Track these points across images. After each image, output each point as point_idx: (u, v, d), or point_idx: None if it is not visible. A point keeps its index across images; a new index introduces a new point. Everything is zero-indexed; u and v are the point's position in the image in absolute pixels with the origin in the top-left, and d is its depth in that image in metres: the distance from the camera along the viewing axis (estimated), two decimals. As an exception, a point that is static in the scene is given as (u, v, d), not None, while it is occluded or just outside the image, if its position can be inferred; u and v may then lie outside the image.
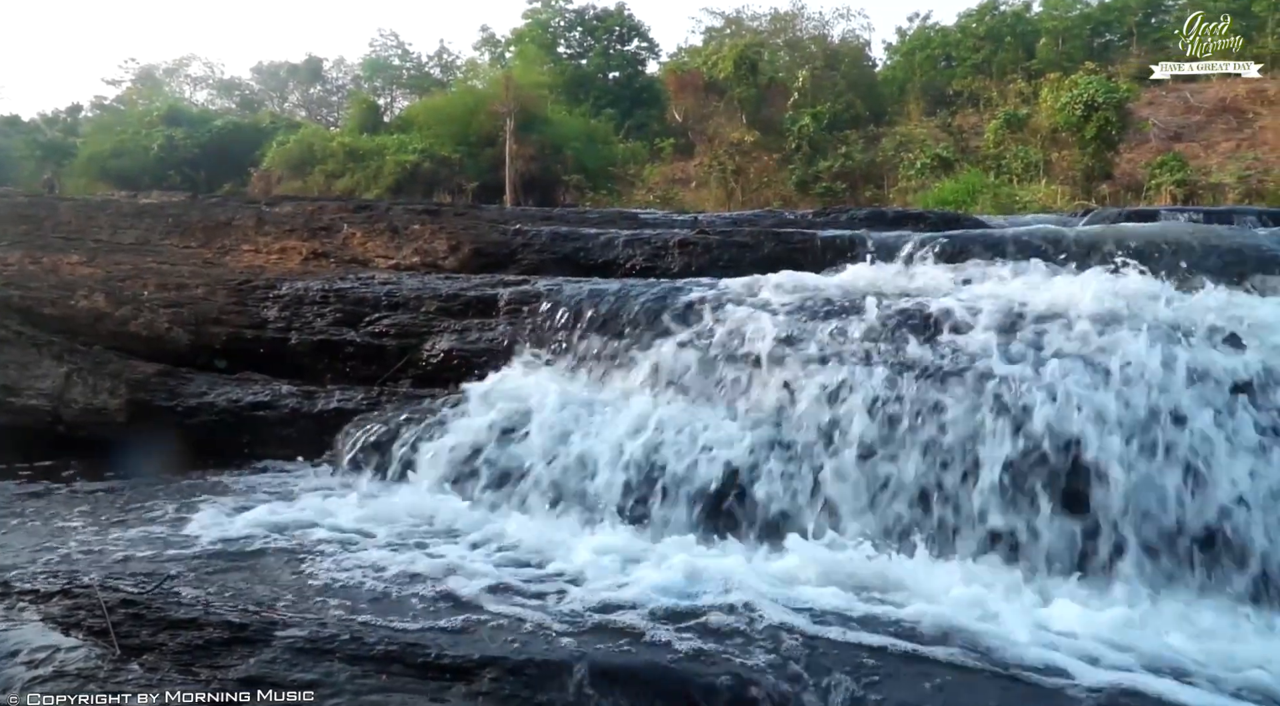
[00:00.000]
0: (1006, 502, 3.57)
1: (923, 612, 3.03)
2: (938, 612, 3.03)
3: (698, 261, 6.21)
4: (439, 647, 2.78)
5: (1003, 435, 3.66)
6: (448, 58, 42.16)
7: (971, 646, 2.86)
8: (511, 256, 6.65)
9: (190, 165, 27.60)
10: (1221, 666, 2.78)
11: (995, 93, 28.57)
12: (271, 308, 5.88)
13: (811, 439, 3.90)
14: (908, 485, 3.70)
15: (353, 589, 3.21)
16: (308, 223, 7.11)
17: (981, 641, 2.89)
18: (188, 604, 2.94)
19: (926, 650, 2.84)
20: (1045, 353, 3.94)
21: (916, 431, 3.78)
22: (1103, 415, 3.60)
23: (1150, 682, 2.67)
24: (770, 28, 34.84)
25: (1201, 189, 20.25)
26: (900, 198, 22.83)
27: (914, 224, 7.19)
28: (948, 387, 3.85)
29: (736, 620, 3.01)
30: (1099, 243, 5.34)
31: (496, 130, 25.30)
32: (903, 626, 2.99)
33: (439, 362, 5.47)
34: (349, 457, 4.57)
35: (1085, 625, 2.98)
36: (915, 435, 3.78)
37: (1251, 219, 7.05)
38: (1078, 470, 3.57)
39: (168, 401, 5.26)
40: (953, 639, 2.91)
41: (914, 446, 3.75)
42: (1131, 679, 2.69)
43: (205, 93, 41.28)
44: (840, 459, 3.83)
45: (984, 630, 2.95)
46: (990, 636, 2.91)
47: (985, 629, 2.96)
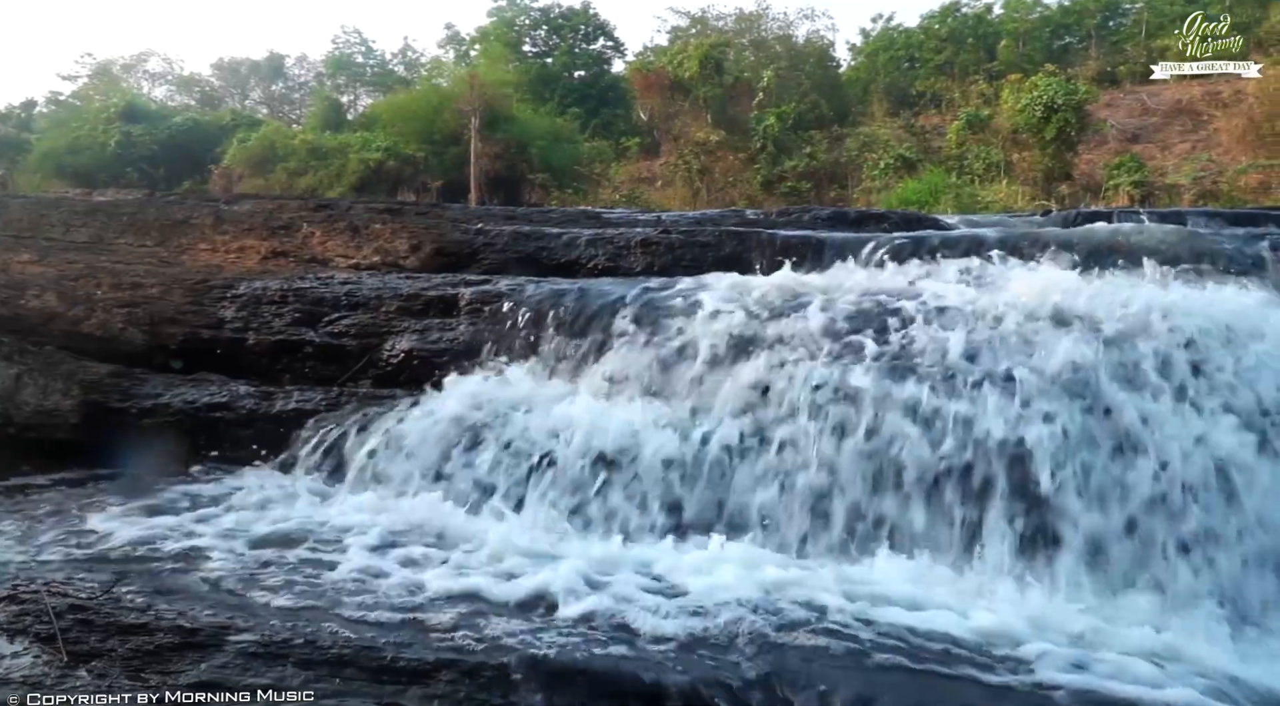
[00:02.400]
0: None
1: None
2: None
3: (660, 261, 6.21)
4: (394, 650, 2.76)
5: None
6: (412, 55, 41.94)
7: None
8: (473, 256, 6.61)
9: (149, 162, 27.16)
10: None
11: (957, 93, 28.90)
12: (229, 307, 5.81)
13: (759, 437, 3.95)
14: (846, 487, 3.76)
15: (304, 592, 3.19)
16: (266, 221, 7.02)
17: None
18: (138, 609, 2.90)
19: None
20: (989, 351, 4.00)
21: (859, 431, 3.83)
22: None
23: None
24: (735, 27, 34.94)
25: (1158, 189, 20.61)
26: (864, 197, 23.00)
27: (875, 224, 7.24)
28: (895, 387, 3.90)
29: (698, 621, 3.03)
30: (1044, 242, 5.42)
31: (461, 128, 25.16)
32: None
33: (399, 363, 5.43)
34: (304, 459, 4.53)
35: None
36: (857, 436, 3.83)
37: (1203, 219, 7.17)
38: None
39: (122, 403, 5.18)
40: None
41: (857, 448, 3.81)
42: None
43: (164, 89, 40.71)
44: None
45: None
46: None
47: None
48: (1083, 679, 2.72)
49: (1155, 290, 4.38)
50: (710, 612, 3.06)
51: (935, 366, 3.93)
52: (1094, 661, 2.82)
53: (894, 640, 2.93)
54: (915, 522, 3.62)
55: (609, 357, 4.64)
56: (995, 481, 3.60)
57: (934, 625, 3.03)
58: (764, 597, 3.18)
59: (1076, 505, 3.46)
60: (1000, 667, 2.80)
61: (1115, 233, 5.49)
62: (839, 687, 2.61)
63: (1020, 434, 3.63)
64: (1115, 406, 3.66)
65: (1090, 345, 3.87)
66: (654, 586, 3.30)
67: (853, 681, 2.65)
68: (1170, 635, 3.04)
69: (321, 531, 3.80)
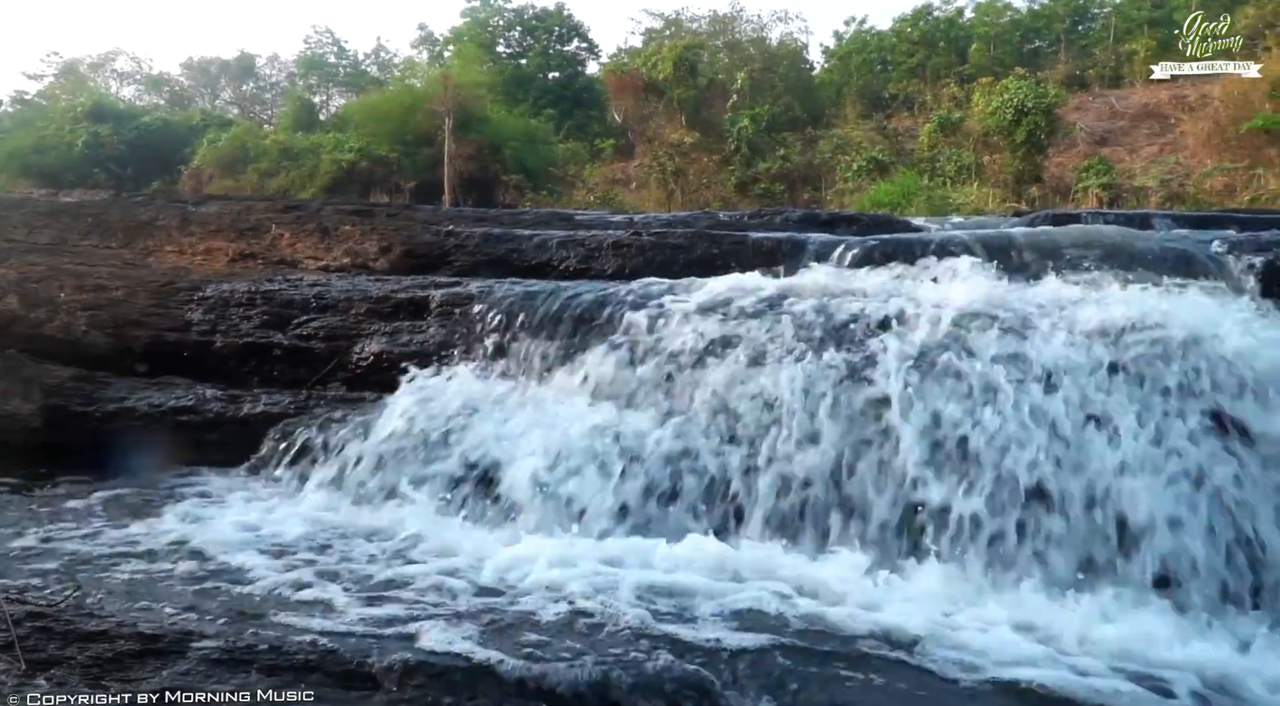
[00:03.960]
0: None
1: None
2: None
3: (631, 263, 6.21)
4: (361, 654, 2.74)
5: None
6: (385, 56, 41.75)
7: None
8: (444, 258, 6.59)
9: (117, 162, 26.81)
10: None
11: (929, 96, 29.12)
12: (195, 310, 5.75)
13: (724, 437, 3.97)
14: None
15: (265, 597, 3.15)
16: (234, 223, 6.96)
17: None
18: (99, 616, 2.85)
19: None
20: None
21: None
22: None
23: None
24: (709, 29, 35.01)
25: (1126, 192, 20.88)
26: (837, 199, 23.12)
27: (846, 226, 7.28)
28: (861, 387, 3.94)
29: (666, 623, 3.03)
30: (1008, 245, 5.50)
31: (435, 129, 25.03)
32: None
33: (369, 365, 5.40)
34: (271, 463, 4.49)
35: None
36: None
37: (1168, 221, 7.26)
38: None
39: (85, 407, 5.11)
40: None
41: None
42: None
43: (132, 88, 40.17)
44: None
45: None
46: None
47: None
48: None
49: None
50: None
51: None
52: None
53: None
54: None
55: (581, 360, 4.64)
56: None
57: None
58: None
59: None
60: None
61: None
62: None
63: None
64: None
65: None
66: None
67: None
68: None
69: (286, 536, 3.77)
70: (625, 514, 3.81)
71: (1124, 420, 3.63)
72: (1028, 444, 3.60)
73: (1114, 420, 3.64)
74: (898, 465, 3.68)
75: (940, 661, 2.85)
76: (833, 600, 3.21)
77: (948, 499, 3.56)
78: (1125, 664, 2.86)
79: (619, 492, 3.84)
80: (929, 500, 3.58)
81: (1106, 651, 2.91)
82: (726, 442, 3.97)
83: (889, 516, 3.64)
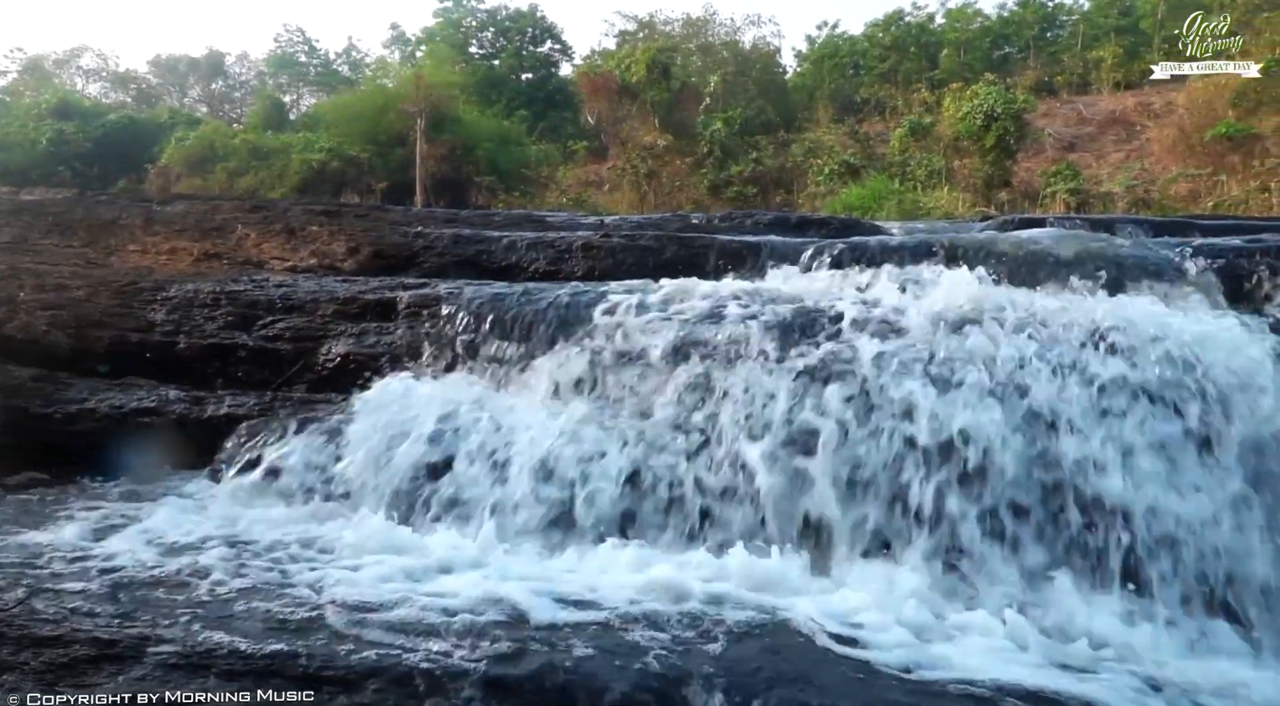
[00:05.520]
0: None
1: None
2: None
3: (601, 265, 6.21)
4: (322, 658, 2.72)
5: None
6: (356, 55, 41.46)
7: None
8: (413, 259, 6.56)
9: (82, 160, 26.41)
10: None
11: (901, 101, 29.34)
12: (159, 310, 5.68)
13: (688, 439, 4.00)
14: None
15: (222, 601, 3.12)
16: (200, 222, 6.88)
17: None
18: (53, 621, 2.81)
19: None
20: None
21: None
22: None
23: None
24: (682, 32, 35.05)
25: (1093, 197, 21.14)
26: (809, 202, 23.22)
27: (816, 229, 7.33)
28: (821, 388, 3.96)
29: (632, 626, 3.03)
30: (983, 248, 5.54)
31: (407, 130, 24.88)
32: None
33: (336, 367, 5.36)
34: (232, 466, 4.44)
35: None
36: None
37: (1131, 227, 7.36)
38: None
39: (44, 408, 5.02)
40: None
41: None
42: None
43: (99, 85, 39.58)
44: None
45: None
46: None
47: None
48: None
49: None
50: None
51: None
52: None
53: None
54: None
55: (545, 362, 4.63)
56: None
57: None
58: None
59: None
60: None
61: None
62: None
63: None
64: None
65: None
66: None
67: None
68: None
69: (242, 540, 3.72)
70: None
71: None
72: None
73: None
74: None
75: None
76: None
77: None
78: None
79: (586, 499, 3.85)
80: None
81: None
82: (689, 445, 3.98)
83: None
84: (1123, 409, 3.71)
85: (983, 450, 3.60)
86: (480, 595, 3.17)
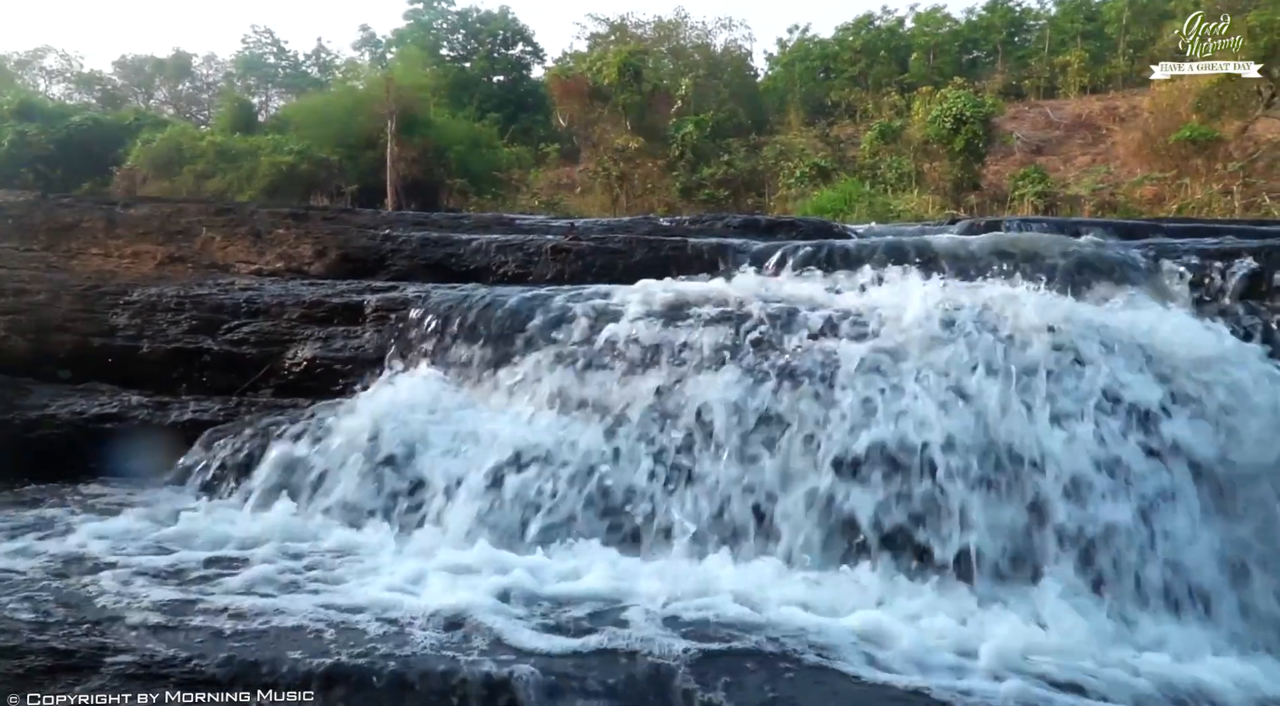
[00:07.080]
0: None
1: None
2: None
3: (570, 268, 6.20)
4: (286, 664, 2.69)
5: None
6: (326, 57, 41.16)
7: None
8: (381, 262, 6.51)
9: (45, 163, 25.94)
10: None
11: (871, 104, 29.60)
12: (122, 314, 5.60)
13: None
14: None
15: (181, 608, 3.08)
16: (164, 225, 6.79)
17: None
18: (9, 631, 2.76)
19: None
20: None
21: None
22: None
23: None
24: (654, 35, 35.14)
25: (1060, 200, 21.38)
26: (781, 205, 23.33)
27: (786, 232, 7.35)
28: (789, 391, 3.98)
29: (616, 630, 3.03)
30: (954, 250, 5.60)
31: (378, 132, 24.68)
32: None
33: (302, 371, 5.31)
34: (197, 472, 4.39)
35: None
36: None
37: (1099, 230, 7.44)
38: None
39: (4, 414, 4.94)
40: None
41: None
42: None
43: (62, 86, 38.90)
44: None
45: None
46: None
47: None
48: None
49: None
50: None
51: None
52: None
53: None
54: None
55: (513, 365, 4.61)
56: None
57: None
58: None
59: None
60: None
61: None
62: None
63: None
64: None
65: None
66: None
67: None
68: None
69: (205, 545, 3.69)
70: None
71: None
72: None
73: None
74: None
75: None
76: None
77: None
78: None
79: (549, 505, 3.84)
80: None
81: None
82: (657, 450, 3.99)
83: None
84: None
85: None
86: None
